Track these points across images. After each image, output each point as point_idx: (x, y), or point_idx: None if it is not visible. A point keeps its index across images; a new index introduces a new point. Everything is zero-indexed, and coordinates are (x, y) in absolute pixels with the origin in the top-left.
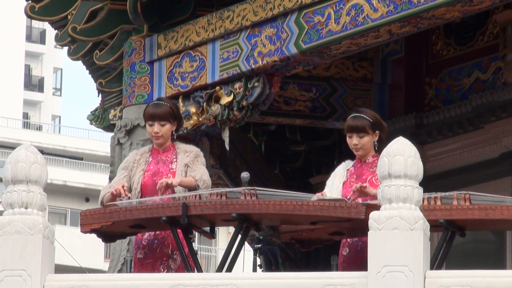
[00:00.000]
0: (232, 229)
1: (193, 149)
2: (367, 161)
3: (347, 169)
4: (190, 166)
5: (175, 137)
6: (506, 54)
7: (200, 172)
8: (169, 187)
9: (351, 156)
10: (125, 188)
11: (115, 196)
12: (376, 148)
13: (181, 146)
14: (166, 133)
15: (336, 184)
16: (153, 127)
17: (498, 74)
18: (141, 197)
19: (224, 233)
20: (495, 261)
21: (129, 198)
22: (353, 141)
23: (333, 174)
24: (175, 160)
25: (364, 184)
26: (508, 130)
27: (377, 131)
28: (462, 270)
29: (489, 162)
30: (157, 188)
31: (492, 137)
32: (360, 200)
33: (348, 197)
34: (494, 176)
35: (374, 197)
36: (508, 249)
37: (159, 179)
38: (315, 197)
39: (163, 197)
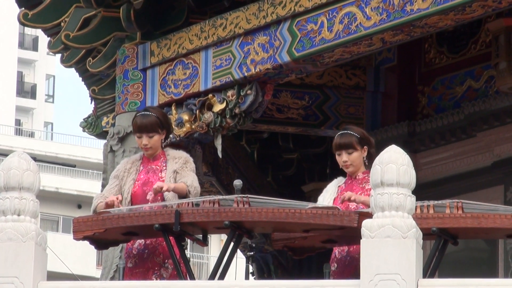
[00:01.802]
0: (224, 237)
1: (182, 155)
2: (357, 177)
3: (339, 186)
4: (179, 172)
5: (163, 146)
6: (498, 62)
7: (190, 178)
8: (161, 191)
9: (344, 174)
10: (119, 200)
11: (108, 206)
12: (366, 164)
13: (171, 153)
14: (154, 144)
15: (327, 200)
16: (141, 139)
17: (491, 82)
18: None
19: (216, 241)
20: (488, 269)
21: None
22: (342, 158)
23: (324, 190)
24: (164, 168)
25: (350, 196)
26: (500, 138)
27: (365, 147)
28: (455, 278)
29: (481, 170)
30: (151, 190)
31: (485, 146)
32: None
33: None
34: (487, 185)
35: (365, 204)
36: (500, 257)
37: (149, 189)
38: (311, 205)
39: (155, 205)
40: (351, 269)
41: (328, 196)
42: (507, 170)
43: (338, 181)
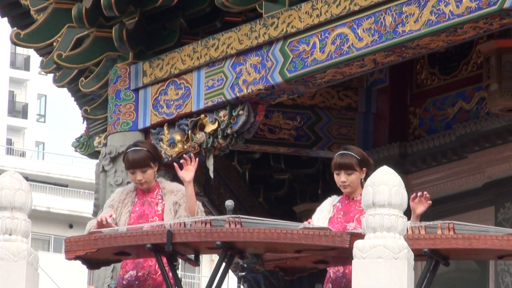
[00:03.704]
0: (215, 256)
1: (180, 188)
2: (355, 199)
3: (333, 205)
4: (181, 204)
5: (156, 177)
6: (489, 84)
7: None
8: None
9: (335, 185)
10: (113, 216)
11: (100, 224)
12: (364, 185)
13: (167, 186)
14: (149, 178)
15: (322, 219)
16: (135, 175)
17: (482, 104)
18: None
19: (207, 260)
20: None
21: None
22: (341, 178)
23: (319, 209)
24: (160, 201)
25: None
26: (491, 160)
27: (364, 168)
28: None
29: (472, 191)
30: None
31: (476, 167)
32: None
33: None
34: (478, 206)
35: None
36: (491, 278)
37: (144, 222)
38: (302, 225)
39: (151, 224)
40: None
41: (323, 215)
42: (498, 191)
43: (332, 200)
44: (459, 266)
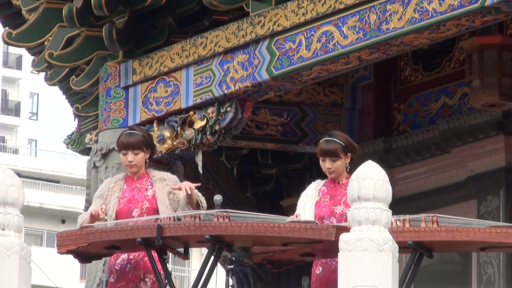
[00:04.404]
0: (205, 250)
1: (170, 177)
2: (340, 182)
3: (319, 189)
4: (176, 193)
5: (147, 165)
6: (472, 80)
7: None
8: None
9: (322, 178)
10: (103, 210)
11: (93, 216)
12: (348, 170)
13: (156, 174)
14: (139, 162)
15: (308, 205)
16: (126, 156)
17: (465, 99)
18: None
19: (197, 254)
20: (461, 282)
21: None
22: (326, 165)
23: (304, 195)
24: (150, 187)
25: None
26: (473, 154)
27: (349, 154)
28: None
29: (455, 185)
30: (186, 189)
31: (459, 161)
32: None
33: None
34: (461, 199)
35: None
36: (473, 269)
37: (134, 206)
38: (289, 219)
39: (141, 219)
40: (337, 275)
41: (308, 201)
42: (481, 185)
43: (317, 185)
44: (443, 258)
